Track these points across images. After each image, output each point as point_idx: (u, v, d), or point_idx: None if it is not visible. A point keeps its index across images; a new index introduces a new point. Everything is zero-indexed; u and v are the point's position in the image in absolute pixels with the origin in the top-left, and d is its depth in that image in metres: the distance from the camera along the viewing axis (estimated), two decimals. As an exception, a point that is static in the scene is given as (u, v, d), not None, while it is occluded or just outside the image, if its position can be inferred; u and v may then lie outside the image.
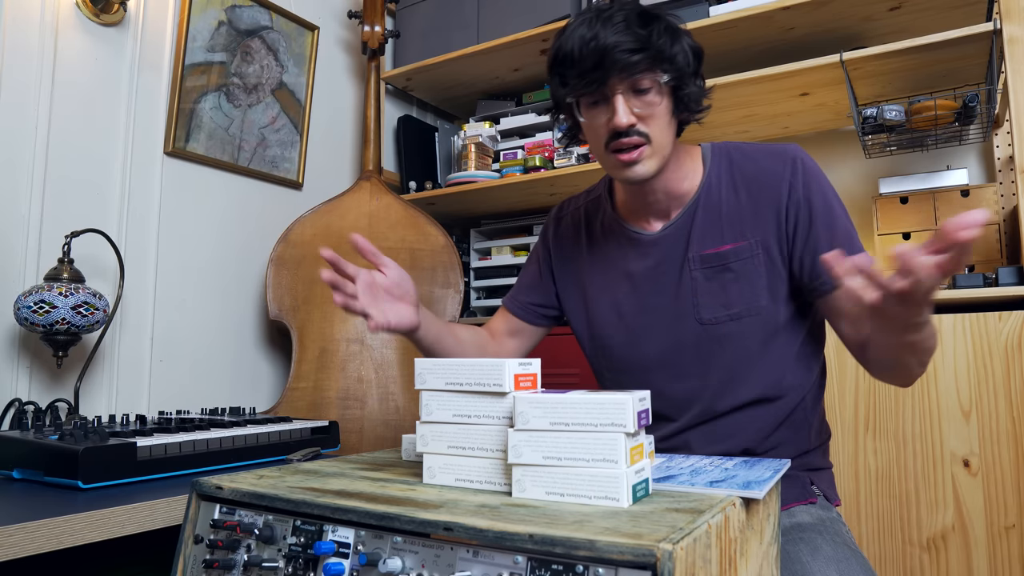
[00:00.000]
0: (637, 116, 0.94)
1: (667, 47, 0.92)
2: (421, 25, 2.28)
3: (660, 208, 1.05)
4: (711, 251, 1.01)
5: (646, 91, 0.93)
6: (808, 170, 0.99)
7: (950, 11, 1.69)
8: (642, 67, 0.91)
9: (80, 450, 0.96)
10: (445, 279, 1.94)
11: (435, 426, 0.74)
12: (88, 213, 1.58)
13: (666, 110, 0.96)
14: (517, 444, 0.66)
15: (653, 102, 0.94)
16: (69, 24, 1.56)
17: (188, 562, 0.74)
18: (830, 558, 0.90)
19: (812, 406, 1.06)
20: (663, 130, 0.96)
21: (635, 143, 0.94)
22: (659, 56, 0.91)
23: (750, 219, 1.00)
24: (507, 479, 0.69)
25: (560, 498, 0.64)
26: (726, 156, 1.05)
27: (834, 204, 0.98)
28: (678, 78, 0.94)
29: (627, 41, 0.90)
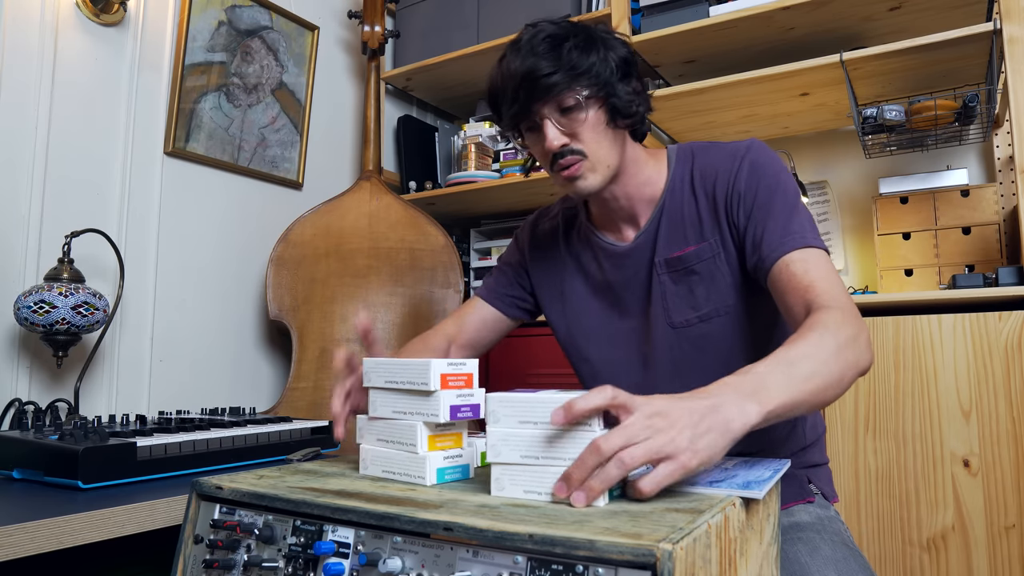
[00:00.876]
0: (568, 135, 0.95)
1: (581, 62, 0.92)
2: (421, 25, 2.28)
3: (627, 214, 1.05)
4: (675, 255, 1.01)
5: (571, 109, 0.94)
6: (754, 162, 0.98)
7: (950, 11, 1.69)
8: (559, 88, 0.92)
9: (80, 450, 0.96)
10: (445, 279, 1.94)
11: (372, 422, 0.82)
12: (88, 213, 1.58)
13: (598, 122, 0.95)
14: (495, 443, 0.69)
15: (580, 118, 0.94)
16: (69, 24, 1.56)
17: (188, 562, 0.74)
18: (828, 558, 0.90)
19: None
20: (599, 142, 0.96)
21: (571, 161, 0.96)
22: (573, 73, 0.92)
23: (708, 219, 1.00)
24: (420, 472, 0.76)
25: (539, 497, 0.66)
26: (689, 158, 1.04)
27: (776, 190, 0.95)
28: (601, 89, 0.94)
29: (539, 66, 0.92)
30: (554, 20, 0.98)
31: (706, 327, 1.00)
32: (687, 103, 1.87)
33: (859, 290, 1.94)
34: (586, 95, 0.93)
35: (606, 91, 0.94)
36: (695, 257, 1.00)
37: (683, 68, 2.02)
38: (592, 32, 0.96)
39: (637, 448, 0.61)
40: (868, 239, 2.03)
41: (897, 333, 1.48)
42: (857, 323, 0.82)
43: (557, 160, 0.96)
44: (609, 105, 0.95)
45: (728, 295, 0.99)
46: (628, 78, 0.97)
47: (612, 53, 0.95)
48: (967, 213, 1.73)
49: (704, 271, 0.99)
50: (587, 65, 0.92)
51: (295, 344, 1.81)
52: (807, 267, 0.89)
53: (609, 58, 0.94)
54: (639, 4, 1.87)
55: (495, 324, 1.20)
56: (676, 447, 0.61)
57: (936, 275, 1.74)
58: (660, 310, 1.03)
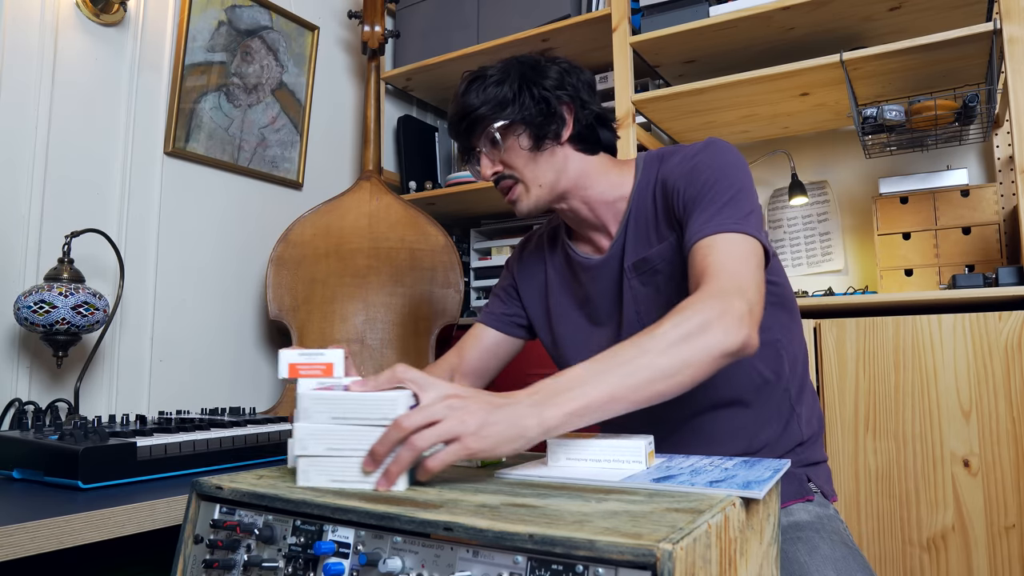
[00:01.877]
0: (500, 163, 1.04)
1: (496, 96, 1.01)
2: (421, 25, 2.27)
3: (596, 225, 1.08)
4: (640, 257, 1.03)
5: (497, 140, 1.03)
6: (701, 160, 0.97)
7: (950, 11, 1.69)
8: (480, 123, 1.02)
9: (80, 450, 0.96)
10: (445, 279, 1.94)
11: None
12: (88, 213, 1.58)
13: (524, 145, 1.02)
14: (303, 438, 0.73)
15: (506, 147, 1.03)
16: (69, 24, 1.56)
17: (188, 562, 0.74)
18: (828, 557, 0.90)
19: (796, 396, 1.05)
20: (527, 166, 1.03)
21: (506, 186, 1.05)
22: (487, 109, 1.01)
23: (665, 219, 1.01)
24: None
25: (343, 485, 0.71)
26: (656, 163, 1.06)
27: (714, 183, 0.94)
28: (516, 116, 1.01)
29: (461, 108, 1.04)
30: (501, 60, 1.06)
31: None
32: (687, 103, 1.87)
33: (859, 290, 1.94)
34: (501, 126, 1.01)
35: (522, 118, 1.01)
36: (658, 257, 1.01)
37: (683, 68, 2.02)
38: (516, 65, 1.03)
39: (429, 431, 0.67)
40: (868, 239, 2.03)
41: (897, 333, 1.48)
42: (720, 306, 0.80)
43: (496, 186, 1.06)
44: (528, 131, 1.01)
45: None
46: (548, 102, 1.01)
47: (533, 82, 1.01)
48: (967, 213, 1.73)
49: (667, 270, 1.01)
50: (500, 98, 1.01)
51: (295, 344, 1.81)
52: (710, 251, 0.88)
53: (526, 87, 1.01)
54: (639, 4, 1.87)
55: (496, 348, 1.22)
56: (465, 429, 0.67)
57: (936, 275, 1.74)
58: (633, 314, 1.05)
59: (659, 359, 0.76)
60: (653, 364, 0.75)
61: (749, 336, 0.80)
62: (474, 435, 0.67)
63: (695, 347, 0.77)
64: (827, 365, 1.53)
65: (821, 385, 1.54)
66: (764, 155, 2.15)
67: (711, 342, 0.78)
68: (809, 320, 1.56)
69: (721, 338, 0.78)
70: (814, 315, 1.58)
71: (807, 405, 1.07)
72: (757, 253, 0.89)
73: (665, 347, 0.76)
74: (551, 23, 2.01)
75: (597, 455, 0.78)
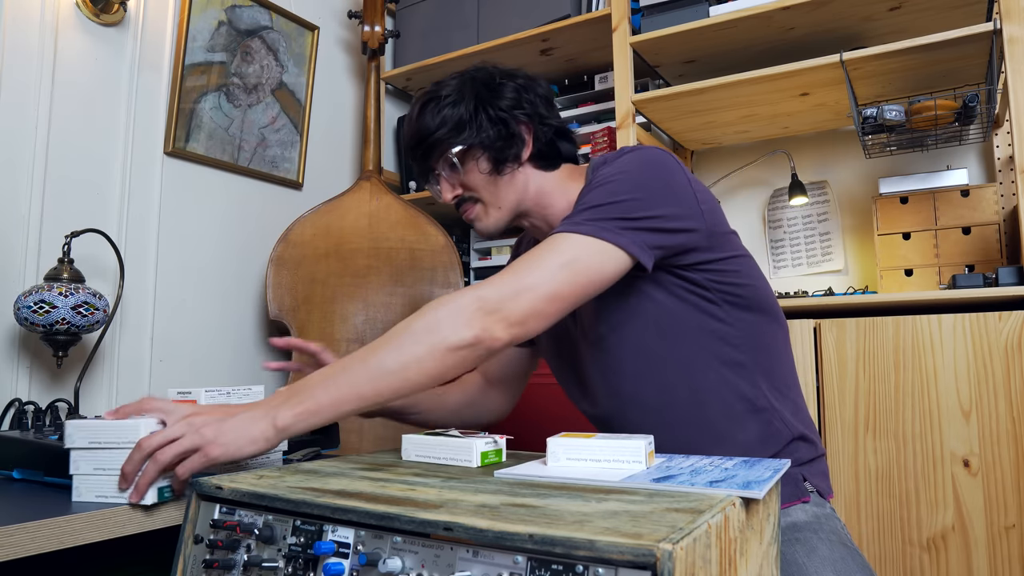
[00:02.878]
0: (461, 185, 1.03)
1: (451, 119, 0.99)
2: (421, 25, 2.28)
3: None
4: None
5: (455, 163, 1.01)
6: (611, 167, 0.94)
7: (950, 11, 1.69)
8: (436, 149, 1.01)
9: (80, 450, 0.95)
10: (445, 279, 1.94)
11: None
12: (88, 213, 1.58)
13: (483, 169, 1.01)
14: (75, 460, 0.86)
15: (465, 170, 1.01)
16: (69, 24, 1.56)
17: (188, 562, 0.74)
18: (826, 558, 0.90)
19: (769, 393, 1.00)
20: (485, 188, 1.02)
21: (466, 208, 1.05)
22: (445, 131, 0.99)
23: None
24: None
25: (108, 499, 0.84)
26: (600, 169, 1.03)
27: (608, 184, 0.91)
28: (474, 139, 0.99)
29: (416, 133, 1.02)
30: (454, 75, 1.03)
31: (616, 337, 0.99)
32: (687, 103, 1.87)
33: (859, 290, 1.94)
34: (459, 150, 0.99)
35: (479, 141, 0.99)
36: None
37: (683, 68, 2.02)
38: (470, 85, 1.01)
39: (170, 447, 0.77)
40: (868, 239, 2.03)
41: (897, 333, 1.48)
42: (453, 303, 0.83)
43: (457, 208, 1.05)
44: (487, 154, 1.00)
45: (629, 298, 0.97)
46: (506, 123, 1.00)
47: (488, 103, 0.99)
48: (967, 213, 1.73)
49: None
50: (455, 121, 0.99)
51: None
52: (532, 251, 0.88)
53: (482, 109, 0.99)
54: (639, 4, 1.87)
55: (518, 359, 1.24)
56: (202, 440, 0.77)
57: (936, 275, 1.74)
58: (580, 331, 1.05)
59: (386, 358, 0.82)
60: (380, 364, 0.82)
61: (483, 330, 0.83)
62: (212, 443, 0.78)
63: (421, 344, 0.82)
64: (827, 365, 1.53)
65: (821, 385, 1.54)
66: (764, 155, 2.15)
67: (436, 339, 0.83)
68: (809, 320, 1.56)
69: (447, 334, 0.83)
70: (814, 315, 1.58)
71: (788, 403, 1.03)
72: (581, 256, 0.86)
73: (392, 347, 0.83)
74: (551, 23, 2.01)
75: (597, 455, 0.78)
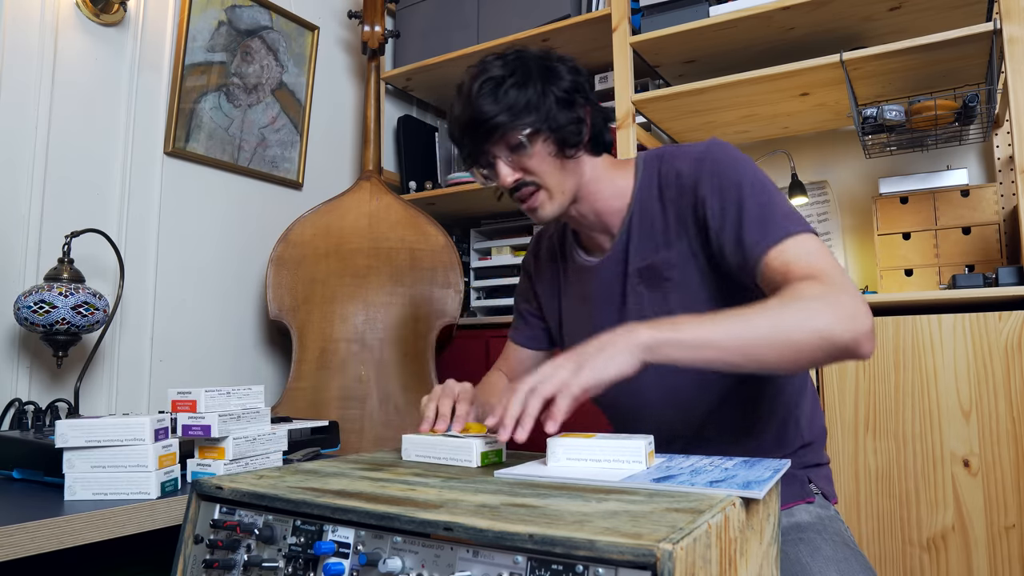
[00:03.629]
0: (521, 169, 0.99)
1: (519, 100, 0.96)
2: (421, 25, 2.27)
3: (600, 228, 1.06)
4: (647, 263, 1.02)
5: (518, 146, 0.98)
6: (714, 162, 0.97)
7: (950, 11, 1.69)
8: (501, 130, 0.96)
9: (80, 450, 0.95)
10: (445, 279, 1.94)
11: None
12: (88, 213, 1.58)
13: (546, 155, 0.98)
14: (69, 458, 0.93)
15: (530, 154, 0.98)
16: (69, 24, 1.56)
17: (188, 562, 0.74)
18: (830, 558, 0.90)
19: (796, 401, 1.04)
20: (549, 172, 0.99)
21: (527, 193, 1.01)
22: (512, 113, 0.96)
23: (674, 226, 1.00)
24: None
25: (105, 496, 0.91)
26: (656, 164, 1.04)
27: (743, 184, 0.94)
28: (542, 123, 0.96)
29: (480, 112, 0.97)
30: (499, 55, 1.01)
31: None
32: (687, 103, 1.87)
33: (859, 290, 1.94)
34: (528, 132, 0.96)
35: (548, 125, 0.97)
36: (665, 264, 1.00)
37: (683, 68, 2.02)
38: (531, 66, 0.98)
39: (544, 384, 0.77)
40: (868, 239, 2.03)
41: (897, 333, 1.48)
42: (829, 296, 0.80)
43: (515, 193, 1.01)
44: (555, 137, 0.97)
45: (699, 301, 0.98)
46: (571, 106, 0.98)
47: (553, 85, 0.98)
48: (967, 213, 1.73)
49: (676, 277, 1.00)
50: (524, 103, 0.96)
51: (295, 344, 1.81)
52: (785, 258, 0.88)
53: (549, 91, 0.97)
54: (639, 4, 1.87)
55: (534, 358, 1.25)
56: (563, 381, 0.76)
57: (936, 275, 1.74)
58: (636, 319, 1.03)
59: (763, 326, 0.78)
60: (758, 329, 0.78)
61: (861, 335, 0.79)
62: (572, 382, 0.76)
63: (803, 327, 0.78)
64: (828, 366, 1.53)
65: (821, 385, 1.54)
66: (764, 155, 2.15)
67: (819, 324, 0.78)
68: (809, 320, 1.56)
69: (830, 324, 0.78)
70: (814, 315, 1.58)
71: (808, 407, 1.07)
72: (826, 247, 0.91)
73: (772, 317, 0.79)
74: (551, 23, 2.01)
75: (597, 455, 0.78)
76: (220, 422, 1.01)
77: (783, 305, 0.80)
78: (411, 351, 1.87)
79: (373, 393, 1.80)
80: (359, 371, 1.81)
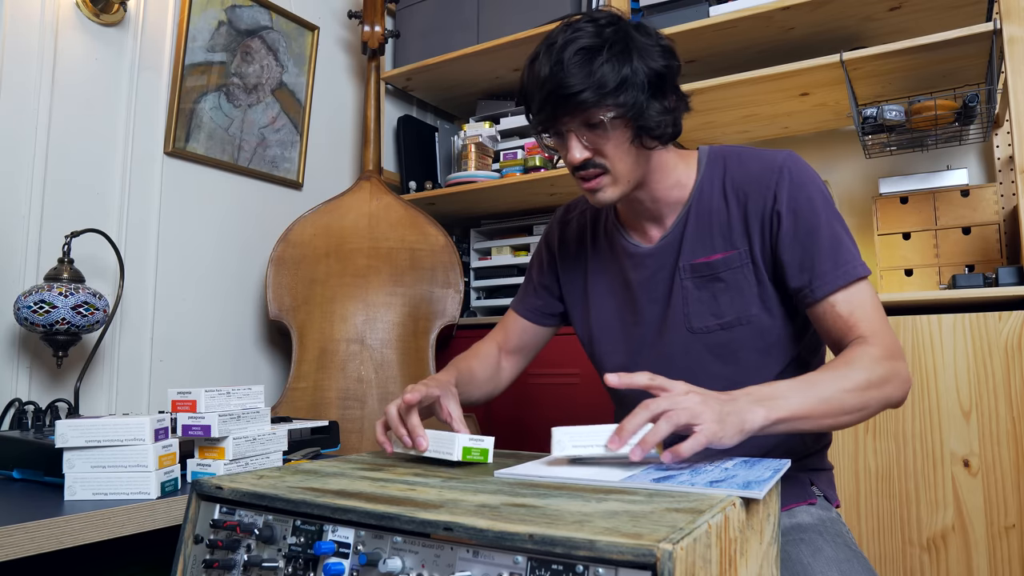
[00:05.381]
0: (592, 150, 0.94)
1: (610, 81, 0.89)
2: (421, 25, 2.27)
3: (653, 215, 1.04)
4: (701, 260, 1.00)
5: (597, 125, 0.92)
6: (795, 178, 0.96)
7: (950, 11, 1.69)
8: (585, 106, 0.90)
9: (80, 450, 0.95)
10: (445, 279, 1.94)
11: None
12: (88, 213, 1.58)
13: (623, 141, 0.93)
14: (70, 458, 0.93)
15: (606, 136, 0.93)
16: (69, 24, 1.56)
17: (188, 562, 0.74)
18: (831, 559, 0.90)
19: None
20: (622, 159, 0.94)
21: (593, 174, 0.95)
22: (600, 93, 0.89)
23: (739, 228, 0.99)
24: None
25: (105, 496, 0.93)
26: (721, 162, 1.02)
27: (820, 211, 0.95)
28: (628, 110, 0.90)
29: (567, 81, 0.89)
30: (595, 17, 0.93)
31: (726, 335, 0.99)
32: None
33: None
34: (612, 116, 0.90)
35: (634, 112, 0.91)
36: (723, 265, 0.99)
37: (683, 68, 2.01)
38: (629, 43, 0.91)
39: (680, 412, 0.74)
40: (868, 239, 2.03)
41: (897, 333, 1.48)
42: (892, 363, 0.88)
43: (579, 171, 0.96)
44: (636, 125, 0.92)
45: (752, 305, 0.98)
46: (661, 94, 0.93)
47: (646, 67, 0.91)
48: (967, 213, 1.73)
49: (730, 279, 0.99)
50: (615, 84, 0.89)
51: (295, 344, 1.81)
52: (852, 307, 0.92)
53: (641, 74, 0.90)
54: (639, 4, 1.87)
55: (534, 332, 1.23)
56: (705, 419, 0.74)
57: (936, 275, 1.74)
58: (680, 314, 1.02)
59: (847, 397, 0.84)
60: (843, 398, 0.84)
61: (906, 394, 0.90)
62: (716, 424, 0.74)
63: (875, 395, 0.86)
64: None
65: (821, 385, 1.54)
66: (764, 155, 2.15)
67: (889, 394, 0.87)
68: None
69: (896, 392, 0.88)
70: (814, 315, 1.58)
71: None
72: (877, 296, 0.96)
73: (853, 387, 0.84)
74: (551, 23, 2.00)
75: (603, 440, 0.77)
76: (220, 422, 1.01)
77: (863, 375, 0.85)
78: (411, 351, 1.87)
79: (373, 393, 1.80)
80: (359, 371, 1.81)
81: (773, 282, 0.98)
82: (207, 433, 1.01)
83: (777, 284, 0.98)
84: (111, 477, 0.93)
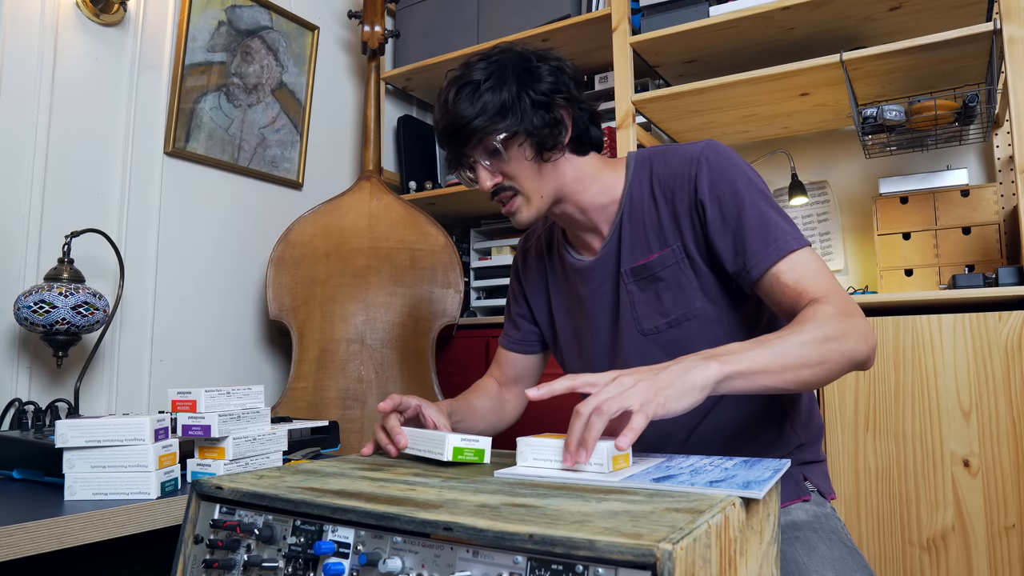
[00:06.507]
0: (500, 174, 0.99)
1: (493, 106, 0.94)
2: (421, 25, 2.28)
3: (589, 227, 1.06)
4: (640, 263, 1.02)
5: (495, 151, 0.97)
6: (713, 165, 0.97)
7: (950, 11, 1.69)
8: (477, 135, 0.95)
9: (80, 450, 0.95)
10: (445, 279, 1.94)
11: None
12: (88, 213, 1.58)
13: (523, 160, 0.97)
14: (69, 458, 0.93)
15: (506, 159, 0.97)
16: (69, 24, 1.56)
17: (188, 562, 0.74)
18: (826, 557, 0.90)
19: (792, 401, 1.05)
20: (528, 177, 0.99)
21: (505, 198, 1.01)
22: (487, 119, 0.94)
23: (670, 225, 1.00)
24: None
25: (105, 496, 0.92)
26: (648, 163, 1.04)
27: (743, 193, 0.95)
28: (517, 126, 0.95)
29: (455, 117, 0.96)
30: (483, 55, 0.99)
31: (676, 332, 1.00)
32: (687, 103, 1.87)
33: (859, 290, 1.94)
34: (503, 137, 0.95)
35: (523, 128, 0.95)
36: (659, 264, 1.00)
37: (683, 68, 2.02)
38: (508, 68, 0.96)
39: (610, 402, 0.71)
40: (868, 239, 2.03)
41: (897, 333, 1.48)
42: (848, 319, 0.85)
43: (494, 197, 1.01)
44: (531, 141, 0.97)
45: (695, 299, 0.99)
46: (548, 108, 0.97)
47: (530, 87, 0.96)
48: (967, 213, 1.73)
49: (669, 277, 1.00)
50: (497, 108, 0.94)
51: (295, 344, 1.81)
52: (798, 275, 0.91)
53: (524, 94, 0.96)
54: (639, 4, 1.87)
55: (525, 361, 1.24)
56: (636, 398, 0.72)
57: (936, 275, 1.74)
58: (629, 318, 1.04)
59: (803, 349, 0.81)
60: (800, 351, 0.81)
61: (871, 351, 0.86)
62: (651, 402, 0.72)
63: (835, 350, 0.83)
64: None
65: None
66: (764, 155, 2.15)
67: (851, 348, 0.84)
68: (809, 320, 1.56)
69: (858, 347, 0.84)
70: (814, 315, 1.58)
71: (803, 408, 1.07)
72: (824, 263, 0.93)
73: (809, 341, 0.82)
74: (551, 23, 2.01)
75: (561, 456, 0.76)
76: (220, 422, 1.02)
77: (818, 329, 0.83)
78: (411, 351, 1.87)
79: (373, 393, 1.80)
80: (359, 371, 1.81)
81: (713, 272, 0.98)
82: (207, 433, 1.01)
83: (718, 273, 0.98)
84: (111, 477, 0.93)
